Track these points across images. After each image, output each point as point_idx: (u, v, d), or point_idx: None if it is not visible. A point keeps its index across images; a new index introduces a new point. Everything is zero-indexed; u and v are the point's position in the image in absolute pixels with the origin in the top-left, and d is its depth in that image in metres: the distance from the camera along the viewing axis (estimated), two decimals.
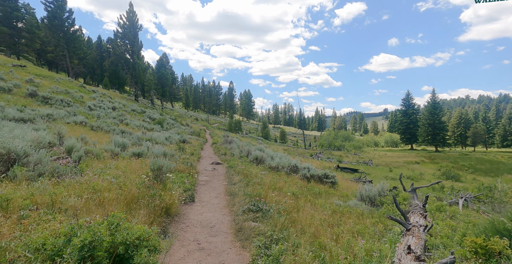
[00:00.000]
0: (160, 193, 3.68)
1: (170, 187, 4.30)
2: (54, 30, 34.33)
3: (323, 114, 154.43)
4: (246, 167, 8.61)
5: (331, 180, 8.65)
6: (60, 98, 18.28)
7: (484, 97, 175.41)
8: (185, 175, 5.88)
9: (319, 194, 6.97)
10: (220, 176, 7.51)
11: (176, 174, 5.57)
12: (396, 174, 19.21)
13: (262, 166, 9.57)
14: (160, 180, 4.42)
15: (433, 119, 56.71)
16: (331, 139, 63.41)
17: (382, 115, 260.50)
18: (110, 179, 3.94)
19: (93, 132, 12.44)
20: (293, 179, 8.54)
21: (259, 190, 5.11)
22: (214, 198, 5.10)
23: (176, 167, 6.26)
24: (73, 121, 13.08)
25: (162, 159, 6.26)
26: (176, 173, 5.73)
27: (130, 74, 41.05)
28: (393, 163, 29.75)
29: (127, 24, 39.91)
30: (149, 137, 10.42)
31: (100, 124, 13.80)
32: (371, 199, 6.25)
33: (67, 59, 34.58)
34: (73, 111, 15.83)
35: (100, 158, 5.84)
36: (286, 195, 6.04)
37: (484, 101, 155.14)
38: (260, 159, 10.02)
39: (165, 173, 4.71)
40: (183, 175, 5.61)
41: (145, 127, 18.80)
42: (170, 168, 5.88)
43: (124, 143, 7.01)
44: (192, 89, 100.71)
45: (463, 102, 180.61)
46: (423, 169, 25.57)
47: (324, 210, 5.15)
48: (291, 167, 9.31)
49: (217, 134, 30.81)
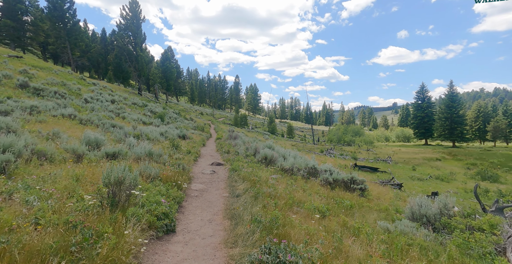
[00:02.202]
0: (106, 235, 2.04)
1: (135, 212, 2.66)
2: (55, 21, 33.14)
3: (330, 108, 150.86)
4: (253, 169, 6.93)
5: (361, 186, 6.88)
6: (54, 89, 16.98)
7: (500, 90, 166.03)
8: (170, 185, 4.26)
9: (351, 208, 5.24)
10: (220, 183, 5.86)
11: (154, 185, 3.95)
12: (421, 174, 17.16)
13: (272, 167, 7.87)
14: (118, 203, 2.78)
15: (451, 112, 53.34)
16: (340, 134, 60.92)
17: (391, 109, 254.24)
18: (31, 203, 2.32)
19: (81, 126, 11.03)
20: (312, 185, 6.81)
21: (274, 212, 3.43)
22: (207, 223, 3.44)
23: (160, 173, 4.65)
24: (61, 113, 11.70)
25: (144, 162, 4.63)
26: (156, 183, 4.11)
27: (133, 67, 39.78)
28: (412, 160, 27.47)
29: (130, 15, 38.40)
30: (139, 132, 8.85)
31: (90, 118, 12.39)
32: (429, 219, 4.47)
33: (68, 51, 33.47)
34: (65, 103, 14.49)
35: (55, 161, 4.28)
36: (310, 214, 4.34)
37: (500, 94, 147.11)
38: (270, 159, 8.32)
39: (132, 188, 3.07)
40: (165, 187, 3.97)
41: (143, 121, 17.37)
42: (150, 176, 4.25)
43: (98, 140, 5.44)
44: (198, 84, 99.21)
45: (477, 95, 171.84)
46: (447, 167, 23.29)
47: (371, 241, 3.46)
48: (308, 169, 7.58)
49: (222, 129, 29.26)
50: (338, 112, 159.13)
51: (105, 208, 2.57)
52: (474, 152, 37.54)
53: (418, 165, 23.01)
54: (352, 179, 7.04)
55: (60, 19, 33.91)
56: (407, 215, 4.82)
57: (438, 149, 45.58)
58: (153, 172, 4.36)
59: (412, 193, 9.66)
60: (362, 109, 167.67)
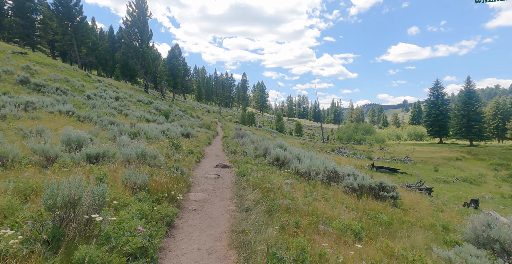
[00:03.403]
0: None
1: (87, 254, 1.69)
2: (61, 18, 32.95)
3: (339, 106, 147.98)
4: (264, 173, 5.91)
5: (392, 194, 5.74)
6: (56, 86, 16.45)
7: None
8: (159, 198, 3.29)
9: (390, 225, 4.15)
10: (225, 191, 4.87)
11: (138, 199, 2.98)
12: (445, 175, 15.66)
13: (286, 170, 6.82)
14: (65, 237, 1.82)
15: (468, 109, 50.83)
16: (350, 132, 59.05)
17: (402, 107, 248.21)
18: None
19: (78, 123, 10.32)
20: (335, 192, 5.73)
21: (298, 242, 2.41)
22: (205, 257, 2.44)
23: (150, 180, 3.69)
24: (58, 110, 11.02)
25: (133, 165, 3.71)
26: (141, 195, 3.15)
27: (140, 64, 39.39)
28: (430, 159, 25.73)
29: (137, 12, 37.95)
30: (136, 130, 7.97)
31: (89, 114, 11.66)
32: (504, 246, 3.34)
33: (75, 48, 33.28)
34: (65, 99, 13.88)
35: (17, 166, 3.39)
36: (341, 237, 3.30)
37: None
38: (283, 160, 7.27)
39: (97, 209, 2.11)
40: (150, 203, 2.98)
41: (146, 119, 16.63)
42: (135, 184, 3.30)
43: (80, 138, 4.55)
44: (205, 81, 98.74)
45: (493, 92, 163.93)
46: (471, 168, 21.56)
47: None
48: (328, 172, 6.50)
49: (229, 127, 28.35)
50: (347, 110, 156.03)
51: (41, 249, 1.61)
52: (496, 151, 35.18)
53: (439, 166, 21.38)
54: (381, 185, 5.91)
55: (66, 15, 33.70)
56: (468, 238, 3.68)
57: (455, 148, 43.27)
58: (139, 180, 3.40)
59: (445, 199, 8.41)
60: (372, 107, 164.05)
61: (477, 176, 15.30)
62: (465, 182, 14.15)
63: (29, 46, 39.52)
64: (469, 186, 13.28)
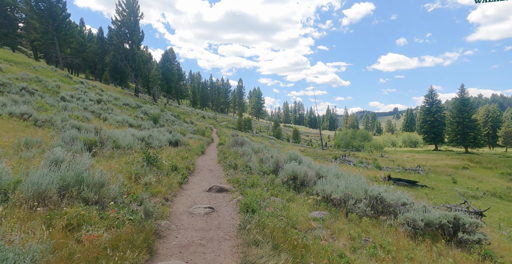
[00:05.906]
0: None
1: None
2: (42, 15, 30.52)
3: (334, 113, 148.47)
4: (284, 204, 3.87)
5: (478, 238, 3.79)
6: (23, 85, 14.10)
7: (498, 96, 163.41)
8: None
9: None
10: (221, 246, 2.77)
11: None
12: (468, 189, 13.91)
13: (308, 195, 4.80)
14: None
15: (463, 117, 50.77)
16: (348, 138, 57.75)
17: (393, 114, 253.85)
18: None
19: (33, 128, 8.10)
20: (393, 235, 3.74)
21: None
22: None
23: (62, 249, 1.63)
24: (8, 112, 8.76)
25: None
26: None
27: (130, 66, 37.13)
28: (437, 168, 24.18)
29: (127, 11, 35.90)
30: (96, 139, 5.82)
31: (52, 118, 9.42)
32: None
33: (56, 48, 30.81)
34: (28, 100, 11.58)
35: None
36: None
37: (498, 100, 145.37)
38: (303, 179, 5.25)
39: None
40: None
41: (130, 124, 14.38)
42: None
43: None
44: (200, 87, 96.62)
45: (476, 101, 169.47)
46: (483, 178, 20.03)
47: None
48: (369, 199, 4.53)
49: (225, 133, 26.22)
50: (341, 117, 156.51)
51: None
52: (495, 159, 34.13)
53: (450, 175, 19.75)
54: (457, 222, 3.95)
55: (48, 12, 31.26)
56: None
57: (452, 155, 42.29)
58: None
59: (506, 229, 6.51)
60: (366, 114, 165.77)
61: (505, 189, 13.65)
62: (493, 197, 12.47)
63: (9, 47, 36.72)
64: (500, 202, 11.60)
